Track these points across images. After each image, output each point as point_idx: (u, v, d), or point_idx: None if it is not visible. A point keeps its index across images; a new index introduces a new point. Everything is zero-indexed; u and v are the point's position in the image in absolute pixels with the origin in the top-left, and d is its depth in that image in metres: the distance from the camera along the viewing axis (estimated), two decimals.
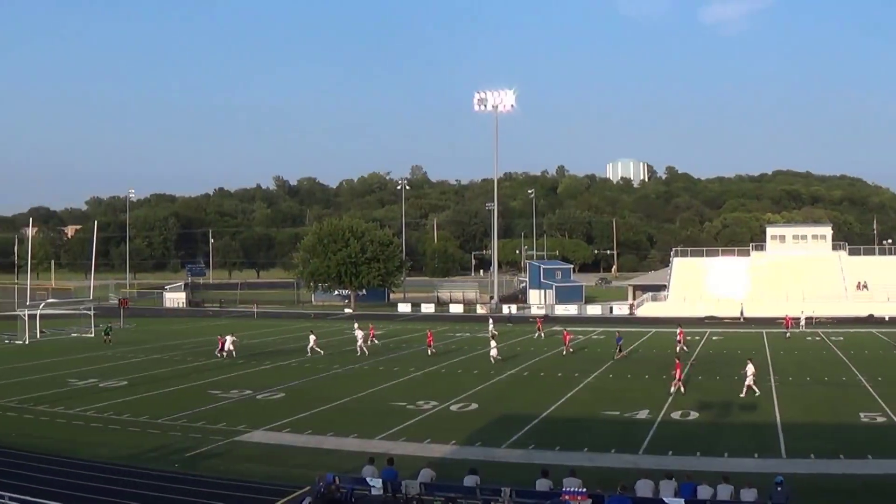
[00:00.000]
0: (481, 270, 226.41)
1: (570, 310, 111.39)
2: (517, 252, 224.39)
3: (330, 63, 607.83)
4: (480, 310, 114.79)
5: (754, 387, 44.41)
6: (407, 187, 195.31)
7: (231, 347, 63.70)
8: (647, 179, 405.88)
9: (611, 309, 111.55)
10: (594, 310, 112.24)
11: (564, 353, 63.36)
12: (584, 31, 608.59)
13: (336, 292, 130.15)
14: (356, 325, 76.68)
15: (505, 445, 33.31)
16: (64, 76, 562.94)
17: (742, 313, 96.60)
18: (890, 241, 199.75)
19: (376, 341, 72.47)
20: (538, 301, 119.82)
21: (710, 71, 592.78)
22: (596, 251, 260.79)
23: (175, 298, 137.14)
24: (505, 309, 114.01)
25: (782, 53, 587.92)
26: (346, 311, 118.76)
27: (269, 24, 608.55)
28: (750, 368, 45.05)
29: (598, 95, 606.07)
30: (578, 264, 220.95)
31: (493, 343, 60.67)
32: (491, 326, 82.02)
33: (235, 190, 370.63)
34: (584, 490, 21.86)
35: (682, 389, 45.03)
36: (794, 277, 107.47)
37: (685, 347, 65.00)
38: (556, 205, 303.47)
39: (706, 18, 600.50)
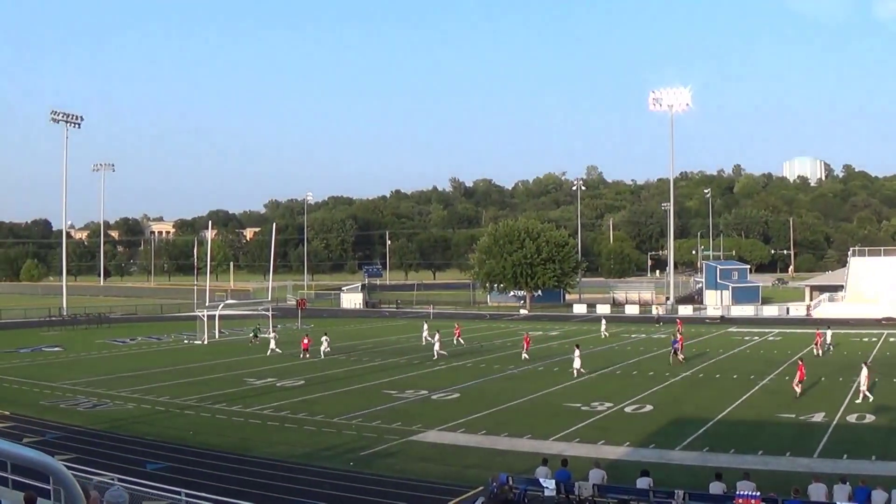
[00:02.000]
0: (657, 271, 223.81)
1: (747, 311, 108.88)
2: (693, 252, 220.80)
3: (504, 64, 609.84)
4: (655, 310, 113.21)
5: (868, 393, 42.05)
6: (582, 188, 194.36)
7: (327, 347, 65.47)
8: (824, 178, 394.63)
9: (787, 310, 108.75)
10: (770, 311, 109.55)
11: (681, 358, 59.83)
12: (757, 29, 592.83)
13: (511, 293, 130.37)
14: (425, 326, 76.23)
15: (679, 448, 32.79)
16: (244, 84, 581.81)
17: None
18: None
19: (462, 342, 72.56)
20: (714, 302, 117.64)
21: (886, 67, 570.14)
22: (773, 251, 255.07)
23: (352, 299, 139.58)
24: (682, 310, 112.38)
25: None
26: (522, 312, 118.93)
27: (441, 27, 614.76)
28: (864, 373, 42.90)
29: (774, 93, 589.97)
30: (755, 264, 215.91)
31: (576, 353, 54.20)
32: (603, 327, 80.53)
33: (412, 192, 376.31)
34: (758, 494, 21.52)
35: (798, 393, 43.62)
36: None
37: (819, 352, 62.32)
38: (732, 204, 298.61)
39: (881, 14, 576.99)
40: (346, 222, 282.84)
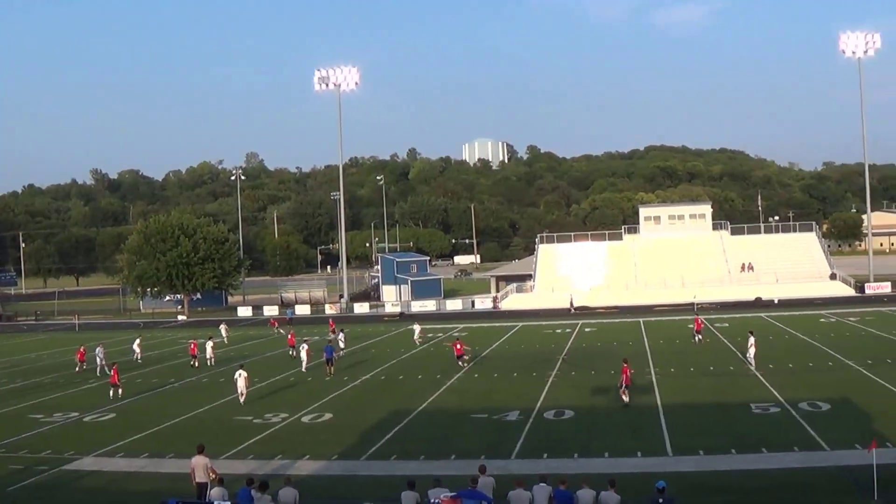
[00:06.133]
0: (329, 267, 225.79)
1: (428, 306, 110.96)
2: (367, 245, 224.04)
3: (144, 42, 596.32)
4: (329, 310, 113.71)
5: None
6: (242, 177, 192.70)
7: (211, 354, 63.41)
8: (507, 160, 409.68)
9: (472, 303, 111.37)
10: (454, 305, 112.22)
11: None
12: (433, 3, 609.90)
13: (167, 297, 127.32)
14: (417, 329, 74.33)
15: (364, 457, 33.04)
16: None
17: (572, 304, 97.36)
18: (776, 217, 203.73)
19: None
20: (393, 298, 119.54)
21: (572, 48, 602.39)
22: (454, 240, 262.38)
23: None
24: (358, 308, 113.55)
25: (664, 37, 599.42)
26: (180, 318, 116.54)
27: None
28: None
29: (453, 73, 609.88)
30: (435, 255, 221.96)
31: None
32: (417, 331, 75.12)
33: (47, 186, 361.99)
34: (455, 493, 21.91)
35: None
36: (672, 261, 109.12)
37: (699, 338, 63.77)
38: (408, 191, 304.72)
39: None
40: None
